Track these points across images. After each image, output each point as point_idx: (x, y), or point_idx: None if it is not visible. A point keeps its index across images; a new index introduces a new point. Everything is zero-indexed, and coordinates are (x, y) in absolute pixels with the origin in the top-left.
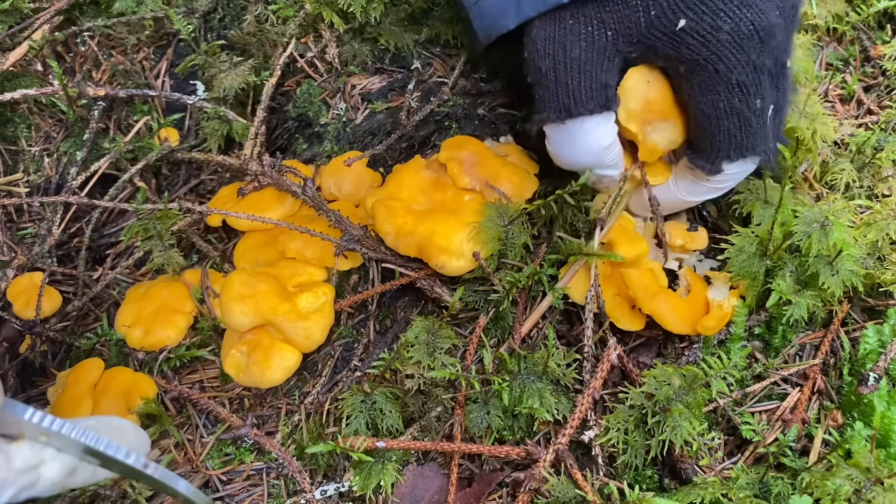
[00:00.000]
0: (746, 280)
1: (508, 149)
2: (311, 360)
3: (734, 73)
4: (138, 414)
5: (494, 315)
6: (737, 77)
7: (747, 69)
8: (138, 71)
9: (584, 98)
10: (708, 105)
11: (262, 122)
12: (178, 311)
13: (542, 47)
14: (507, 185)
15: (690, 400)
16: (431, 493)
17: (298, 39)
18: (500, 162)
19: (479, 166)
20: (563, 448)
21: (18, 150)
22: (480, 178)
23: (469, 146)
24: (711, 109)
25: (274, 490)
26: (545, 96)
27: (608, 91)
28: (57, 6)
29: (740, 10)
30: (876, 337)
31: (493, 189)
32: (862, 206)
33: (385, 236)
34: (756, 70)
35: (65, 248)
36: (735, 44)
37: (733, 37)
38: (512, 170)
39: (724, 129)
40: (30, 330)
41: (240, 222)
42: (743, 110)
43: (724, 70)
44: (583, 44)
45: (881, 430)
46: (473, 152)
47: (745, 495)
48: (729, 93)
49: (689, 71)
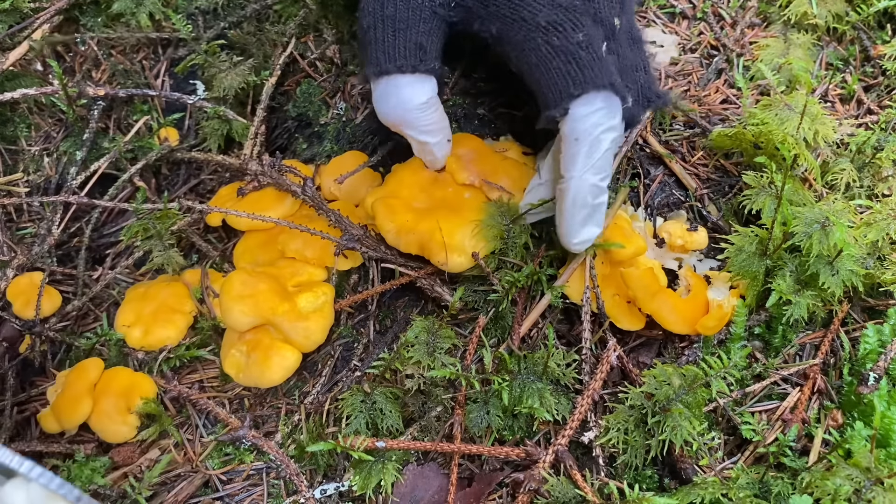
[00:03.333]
0: (746, 280)
1: (507, 145)
2: (310, 359)
3: (540, 14)
4: (138, 414)
5: (494, 315)
6: (545, 18)
7: (552, 9)
8: (138, 71)
9: (396, 55)
10: (532, 53)
11: (261, 122)
12: (177, 310)
13: (365, 5)
14: (506, 180)
15: (690, 400)
16: (431, 493)
17: (298, 39)
18: (498, 157)
19: (476, 162)
20: (562, 448)
21: (18, 149)
22: (478, 174)
23: (467, 143)
24: (535, 57)
25: (274, 490)
26: (366, 53)
27: (422, 52)
28: (57, 6)
29: None
30: (876, 337)
31: (491, 185)
32: (862, 205)
33: (386, 234)
34: (565, 8)
35: (64, 247)
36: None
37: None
38: (510, 164)
39: (555, 70)
40: (29, 330)
41: (240, 221)
42: (566, 47)
43: (529, 16)
44: (399, 3)
45: (881, 429)
46: (471, 148)
47: (745, 495)
48: (545, 34)
49: (503, 29)
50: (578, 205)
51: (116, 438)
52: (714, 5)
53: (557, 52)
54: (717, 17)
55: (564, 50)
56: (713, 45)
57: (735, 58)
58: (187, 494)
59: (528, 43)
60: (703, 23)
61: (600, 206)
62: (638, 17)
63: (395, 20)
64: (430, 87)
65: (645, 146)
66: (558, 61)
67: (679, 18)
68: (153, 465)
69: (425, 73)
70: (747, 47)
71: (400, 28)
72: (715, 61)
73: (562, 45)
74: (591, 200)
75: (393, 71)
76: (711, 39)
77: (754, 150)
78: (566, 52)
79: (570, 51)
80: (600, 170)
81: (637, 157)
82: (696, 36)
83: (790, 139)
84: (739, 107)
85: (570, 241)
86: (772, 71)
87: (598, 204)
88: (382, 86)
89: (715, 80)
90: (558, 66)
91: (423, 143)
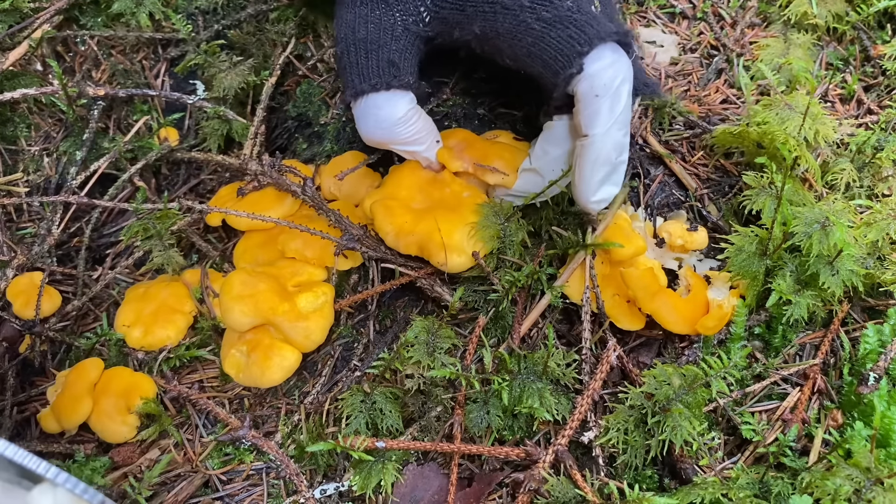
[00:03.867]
0: (746, 280)
1: (497, 132)
2: (310, 359)
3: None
4: (138, 414)
5: (494, 314)
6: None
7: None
8: (138, 70)
9: (370, 75)
10: (525, 35)
11: (261, 122)
12: (177, 310)
13: (337, 32)
14: (499, 162)
15: (690, 400)
16: (431, 493)
17: (298, 39)
18: (488, 143)
19: (468, 150)
20: (562, 448)
21: (18, 149)
22: (471, 160)
23: (456, 135)
24: (530, 37)
25: (273, 490)
26: (343, 77)
27: (394, 69)
28: (57, 6)
29: None
30: (876, 337)
31: (484, 168)
32: (862, 205)
33: (385, 236)
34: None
35: (64, 247)
36: None
37: None
38: (502, 147)
39: (555, 39)
40: (29, 329)
41: (240, 221)
42: (558, 16)
43: (510, 2)
44: (370, 26)
45: (881, 429)
46: (461, 139)
47: (745, 495)
48: (532, 12)
49: (487, 26)
50: (601, 161)
51: (116, 438)
52: (714, 5)
53: (552, 24)
54: (717, 17)
55: (558, 19)
56: (713, 45)
57: (735, 58)
58: (187, 494)
59: (519, 27)
60: (703, 23)
61: (622, 164)
62: (638, 17)
63: (367, 42)
64: (406, 101)
65: (645, 146)
66: (555, 31)
67: (679, 18)
68: (153, 465)
69: (399, 88)
70: (747, 47)
71: (372, 49)
72: (715, 61)
73: (553, 17)
74: (615, 157)
75: (368, 90)
76: (711, 39)
77: (757, 149)
78: (560, 20)
79: (563, 17)
80: (623, 124)
81: (637, 156)
82: (696, 36)
83: (792, 140)
84: (739, 107)
85: (588, 199)
86: (772, 71)
87: (620, 161)
88: (361, 107)
89: (715, 80)
90: (557, 35)
91: (412, 153)
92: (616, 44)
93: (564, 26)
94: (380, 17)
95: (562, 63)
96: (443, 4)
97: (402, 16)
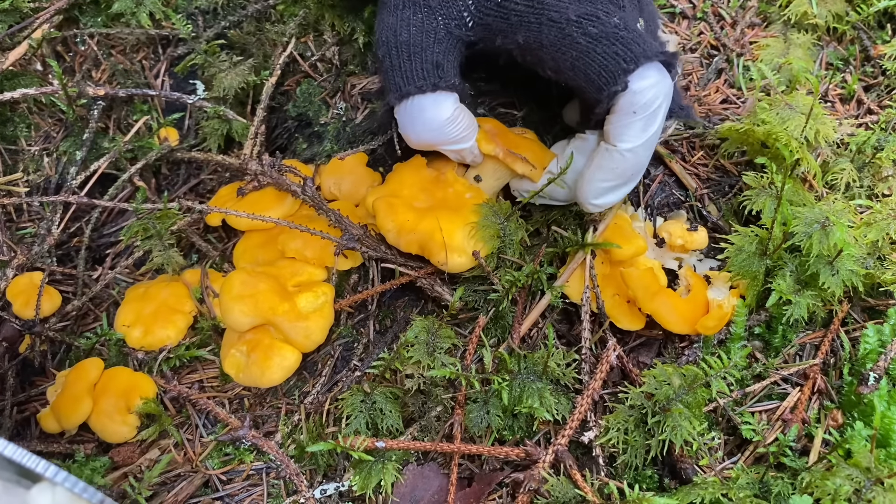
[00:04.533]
0: (746, 280)
1: (525, 130)
2: (310, 359)
3: (569, 10)
4: (138, 414)
5: (494, 314)
6: (574, 12)
7: (579, 2)
8: (138, 70)
9: (414, 77)
10: (570, 49)
11: (261, 122)
12: (177, 310)
13: (379, 36)
14: (529, 155)
15: (690, 400)
16: (431, 493)
17: (298, 39)
18: (518, 136)
19: (500, 136)
20: (562, 448)
21: (18, 149)
22: (502, 146)
23: (489, 122)
24: (575, 51)
25: (274, 490)
26: (385, 81)
27: (440, 71)
28: (57, 6)
29: None
30: (876, 337)
31: (515, 155)
32: (862, 205)
33: (386, 234)
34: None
35: (64, 247)
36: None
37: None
38: (531, 143)
39: (600, 55)
40: (29, 329)
41: (240, 221)
42: (605, 32)
43: (557, 15)
44: (412, 29)
45: (881, 429)
46: (494, 126)
47: (745, 495)
48: (579, 27)
49: (531, 37)
50: (617, 173)
51: (116, 438)
52: (714, 5)
53: (598, 40)
54: (717, 17)
55: (604, 35)
56: (713, 45)
57: (735, 58)
58: (187, 494)
59: (564, 41)
60: (703, 23)
61: (634, 181)
62: None
63: (410, 45)
64: (451, 101)
65: None
66: (601, 47)
67: (679, 18)
68: (153, 465)
69: (445, 89)
70: (747, 47)
71: (415, 52)
72: (715, 61)
73: (600, 32)
74: (631, 174)
75: (414, 92)
76: (711, 39)
77: (761, 148)
78: (606, 37)
79: (609, 34)
80: (651, 145)
81: None
82: (696, 36)
83: (794, 142)
84: (739, 107)
85: (588, 199)
86: (772, 71)
87: (633, 178)
88: (406, 109)
89: (715, 79)
90: (603, 51)
91: (458, 150)
92: (660, 63)
93: (611, 43)
94: (422, 21)
95: (605, 79)
96: (487, 11)
97: (444, 20)
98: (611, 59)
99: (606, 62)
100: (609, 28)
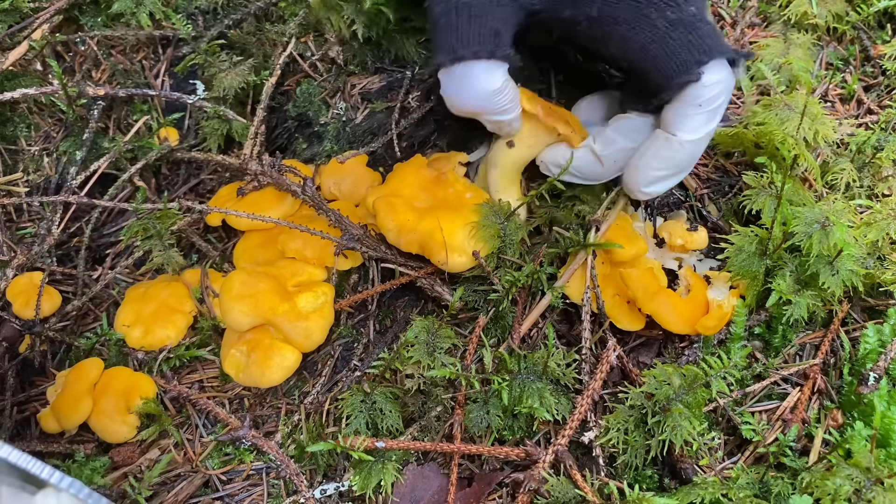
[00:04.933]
0: (746, 280)
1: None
2: (310, 359)
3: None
4: (138, 414)
5: (494, 314)
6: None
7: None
8: (138, 70)
9: (471, 42)
10: (646, 30)
11: (261, 122)
12: (177, 310)
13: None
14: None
15: (690, 400)
16: (431, 493)
17: (298, 39)
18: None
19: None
20: (562, 448)
21: (18, 149)
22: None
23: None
24: (650, 32)
25: (274, 490)
26: (438, 40)
27: (498, 39)
28: (57, 6)
29: None
30: (876, 337)
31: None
32: (862, 205)
33: (387, 233)
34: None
35: (64, 247)
36: None
37: None
38: (567, 112)
39: (675, 41)
40: (29, 329)
41: (240, 221)
42: (682, 19)
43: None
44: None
45: (881, 429)
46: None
47: (745, 495)
48: (658, 10)
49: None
50: (672, 163)
51: (116, 438)
52: (714, 5)
53: (675, 25)
54: (716, 17)
55: (681, 22)
56: None
57: None
58: (187, 494)
59: (640, 20)
60: None
61: (684, 173)
62: None
63: (471, 6)
64: (502, 72)
65: None
66: (677, 33)
67: None
68: (153, 465)
69: (500, 59)
70: (747, 47)
71: (475, 14)
72: None
73: (678, 18)
74: (685, 165)
75: (468, 57)
76: None
77: (755, 149)
78: (683, 24)
79: (686, 22)
80: (707, 139)
81: None
82: None
83: (790, 140)
84: (739, 107)
85: (639, 188)
86: (772, 71)
87: (685, 169)
88: (456, 72)
89: None
90: (679, 38)
91: (500, 122)
92: (728, 61)
93: (687, 31)
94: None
95: (676, 67)
96: None
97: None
98: (685, 48)
99: (680, 50)
100: (686, 16)
